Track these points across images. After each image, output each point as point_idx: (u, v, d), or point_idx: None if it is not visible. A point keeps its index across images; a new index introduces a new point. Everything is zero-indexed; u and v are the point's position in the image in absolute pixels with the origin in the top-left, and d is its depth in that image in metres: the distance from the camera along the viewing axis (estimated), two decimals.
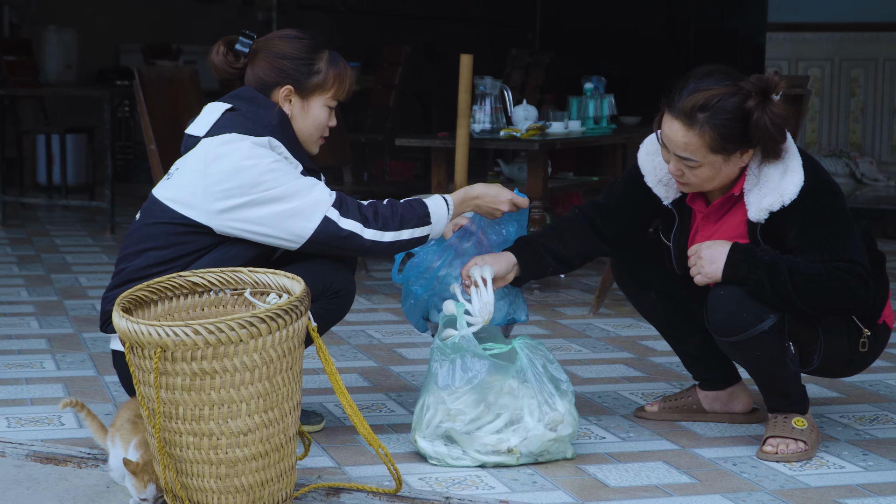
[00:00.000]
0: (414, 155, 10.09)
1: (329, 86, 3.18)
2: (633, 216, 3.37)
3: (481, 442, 3.05)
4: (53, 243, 6.95)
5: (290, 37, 3.19)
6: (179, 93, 5.12)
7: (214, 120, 3.10)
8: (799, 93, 4.62)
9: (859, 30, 9.30)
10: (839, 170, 9.05)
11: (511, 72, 9.29)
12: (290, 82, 3.14)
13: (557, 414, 3.08)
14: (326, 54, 3.19)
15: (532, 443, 3.06)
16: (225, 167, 3.00)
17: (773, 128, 3.02)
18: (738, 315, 3.05)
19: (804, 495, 2.92)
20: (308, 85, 3.16)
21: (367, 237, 3.04)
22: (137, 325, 2.55)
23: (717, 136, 3.02)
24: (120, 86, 9.18)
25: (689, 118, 3.03)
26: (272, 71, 3.15)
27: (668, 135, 3.08)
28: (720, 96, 3.02)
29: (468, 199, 3.24)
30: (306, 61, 3.16)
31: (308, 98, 3.17)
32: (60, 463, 3.06)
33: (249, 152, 3.00)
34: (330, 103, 3.20)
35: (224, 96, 3.17)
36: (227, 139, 3.04)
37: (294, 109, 3.16)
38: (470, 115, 5.31)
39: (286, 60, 3.15)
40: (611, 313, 5.10)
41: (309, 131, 3.19)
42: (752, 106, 3.02)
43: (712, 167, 3.08)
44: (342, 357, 4.26)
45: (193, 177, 3.04)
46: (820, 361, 3.18)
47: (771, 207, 3.06)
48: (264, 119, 3.09)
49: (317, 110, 3.18)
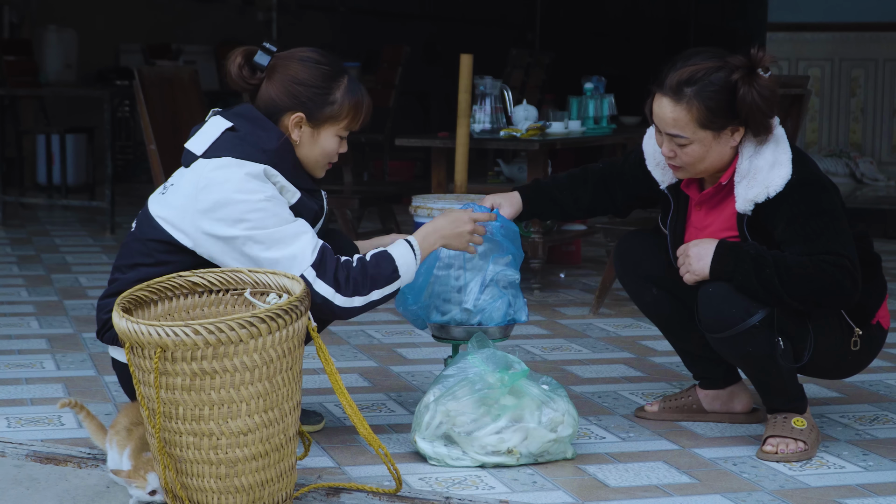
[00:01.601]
0: (414, 155, 10.09)
1: (343, 117, 3.08)
2: (639, 191, 3.42)
3: (481, 443, 3.05)
4: (53, 243, 6.96)
5: (309, 61, 3.07)
6: (179, 93, 5.12)
7: (213, 139, 3.02)
8: (799, 93, 4.62)
9: (859, 30, 9.30)
10: (839, 170, 9.05)
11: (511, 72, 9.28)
12: (303, 110, 3.04)
13: (557, 415, 3.08)
14: (345, 83, 3.08)
15: (532, 443, 3.06)
16: (214, 197, 2.93)
17: (760, 100, 3.05)
18: (727, 311, 3.07)
19: (804, 495, 2.92)
20: (321, 115, 3.06)
21: (339, 304, 2.95)
22: (137, 325, 2.55)
23: (704, 108, 3.06)
24: (120, 86, 9.18)
25: (676, 93, 3.08)
26: (286, 95, 3.05)
27: (658, 113, 3.13)
28: (706, 70, 3.07)
29: (430, 234, 3.13)
30: (322, 90, 3.05)
31: (319, 128, 3.07)
32: (60, 463, 3.06)
33: (240, 185, 2.92)
34: (342, 133, 3.11)
35: (228, 111, 3.09)
36: (221, 164, 2.96)
37: (303, 137, 3.07)
38: (470, 115, 5.31)
39: (302, 87, 3.05)
40: (611, 313, 5.10)
41: (315, 159, 3.10)
42: (739, 78, 3.06)
43: (702, 144, 3.10)
44: (342, 357, 4.26)
45: (184, 200, 2.98)
46: (811, 358, 3.18)
47: (756, 199, 3.09)
48: (264, 142, 3.00)
49: (326, 140, 3.09)
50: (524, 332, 4.67)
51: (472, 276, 3.32)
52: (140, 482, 2.71)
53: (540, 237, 5.51)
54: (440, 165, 5.69)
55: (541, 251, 5.50)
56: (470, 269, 3.32)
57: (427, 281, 3.31)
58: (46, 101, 9.38)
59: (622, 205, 3.47)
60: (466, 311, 3.32)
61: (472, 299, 3.32)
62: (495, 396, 3.06)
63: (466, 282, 3.32)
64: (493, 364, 3.09)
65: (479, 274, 3.32)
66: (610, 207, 3.48)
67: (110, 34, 11.08)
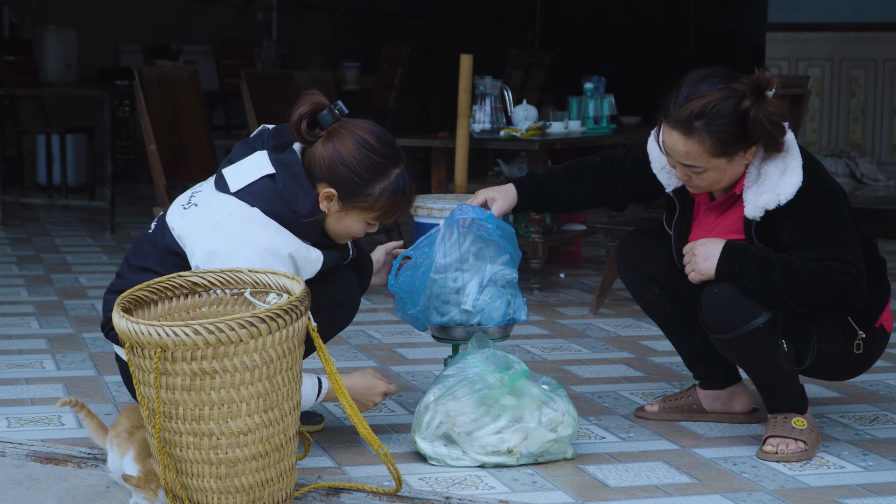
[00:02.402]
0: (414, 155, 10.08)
1: (374, 210, 3.01)
2: (641, 188, 3.40)
3: (481, 443, 3.05)
4: (53, 243, 6.96)
5: (364, 146, 2.98)
6: (179, 93, 5.12)
7: (251, 181, 2.95)
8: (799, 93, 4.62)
9: (859, 30, 9.30)
10: (839, 170, 9.05)
11: (511, 72, 9.28)
12: (337, 190, 2.98)
13: (557, 415, 3.08)
14: (390, 180, 2.99)
15: (532, 443, 3.06)
16: (224, 246, 2.89)
17: (770, 125, 3.04)
18: (732, 312, 3.06)
19: (804, 495, 2.92)
20: (353, 202, 3.00)
21: None
22: (137, 325, 2.55)
23: (716, 140, 3.04)
24: (120, 86, 9.18)
25: (686, 127, 3.04)
26: (328, 168, 2.97)
27: (669, 145, 3.10)
28: (715, 102, 3.03)
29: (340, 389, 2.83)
30: (363, 181, 2.97)
31: (348, 210, 3.01)
32: (60, 463, 3.06)
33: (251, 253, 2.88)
34: (370, 221, 3.05)
35: (274, 154, 2.98)
36: (246, 218, 2.91)
37: (331, 209, 3.00)
38: (470, 115, 5.31)
39: (345, 169, 2.96)
40: (611, 313, 5.10)
41: (337, 233, 3.06)
42: (748, 106, 3.03)
43: (717, 170, 3.10)
44: (342, 357, 4.26)
45: (200, 232, 2.94)
46: (814, 361, 3.18)
47: (767, 206, 3.07)
48: (298, 204, 2.94)
49: (353, 222, 3.03)
50: (524, 332, 4.67)
51: (471, 277, 3.32)
52: (150, 496, 2.71)
53: (540, 237, 5.51)
54: (440, 165, 5.69)
55: (541, 251, 5.50)
56: (467, 270, 3.32)
57: (424, 285, 3.31)
58: (46, 101, 9.38)
59: (622, 199, 3.46)
60: (466, 312, 3.32)
61: (471, 300, 3.32)
62: (495, 396, 3.06)
63: (465, 283, 3.32)
64: (493, 364, 3.09)
65: (476, 274, 3.32)
66: (608, 200, 3.47)
67: (110, 34, 11.09)
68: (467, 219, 3.30)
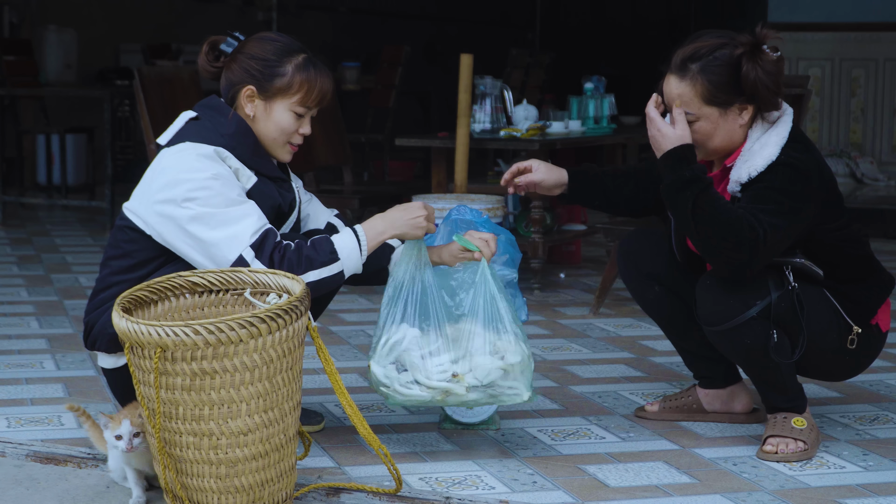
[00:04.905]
0: (414, 155, 10.09)
1: (294, 91, 3.08)
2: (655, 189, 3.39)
3: (429, 369, 3.04)
4: (53, 243, 6.96)
5: (264, 39, 3.12)
6: (179, 93, 5.12)
7: (178, 129, 3.08)
8: (799, 93, 4.62)
9: (859, 30, 9.30)
10: (839, 170, 9.05)
11: (511, 72, 9.29)
12: (253, 83, 3.07)
13: (502, 343, 3.07)
14: (299, 59, 3.10)
15: (479, 371, 3.05)
16: (165, 178, 2.97)
17: (765, 76, 3.08)
18: (726, 303, 3.08)
19: (804, 495, 2.92)
20: (270, 88, 3.08)
21: None
22: (137, 325, 2.55)
23: (708, 84, 3.10)
24: (120, 86, 9.18)
25: (681, 69, 3.13)
26: (239, 70, 3.09)
27: (665, 90, 3.17)
28: (711, 46, 3.12)
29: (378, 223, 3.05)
30: (273, 63, 3.08)
31: (271, 101, 3.08)
32: (60, 463, 3.06)
33: (190, 164, 2.95)
34: (296, 109, 3.09)
35: (196, 104, 3.15)
36: (178, 149, 3.01)
37: (257, 111, 3.09)
38: (470, 115, 5.31)
39: (253, 61, 3.08)
40: (611, 313, 5.10)
41: (272, 136, 3.10)
42: (742, 54, 3.09)
43: (709, 121, 3.13)
44: (342, 357, 4.26)
45: (143, 186, 3.04)
46: (809, 356, 3.17)
47: (740, 179, 3.12)
48: (222, 127, 3.05)
49: (280, 114, 3.09)
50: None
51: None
52: (114, 425, 2.72)
53: (540, 237, 5.51)
54: (440, 165, 5.69)
55: (541, 251, 5.50)
56: None
57: None
58: (46, 101, 9.37)
59: (655, 203, 3.46)
60: None
61: None
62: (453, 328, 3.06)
63: None
64: None
65: None
66: (648, 202, 3.47)
67: (110, 34, 11.08)
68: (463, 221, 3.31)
